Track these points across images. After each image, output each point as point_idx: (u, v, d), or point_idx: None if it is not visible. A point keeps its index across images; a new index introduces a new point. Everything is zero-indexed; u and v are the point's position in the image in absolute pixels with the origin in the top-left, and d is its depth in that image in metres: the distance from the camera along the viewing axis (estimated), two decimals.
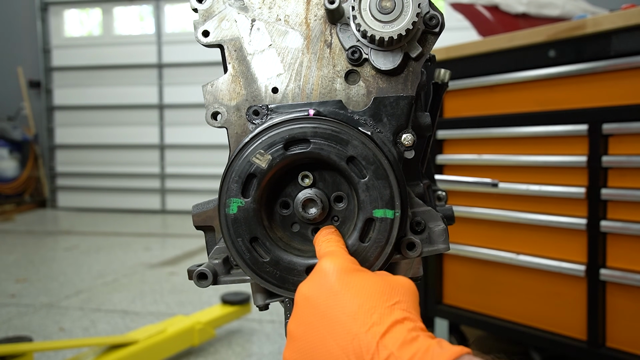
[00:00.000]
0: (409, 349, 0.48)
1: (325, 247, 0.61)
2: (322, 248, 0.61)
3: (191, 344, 1.94)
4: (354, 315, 0.50)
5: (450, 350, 0.47)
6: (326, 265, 0.56)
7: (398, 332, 0.49)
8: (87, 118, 6.39)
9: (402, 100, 0.67)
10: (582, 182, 1.52)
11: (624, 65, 1.41)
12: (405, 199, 0.64)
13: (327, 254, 0.59)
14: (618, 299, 1.47)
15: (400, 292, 0.54)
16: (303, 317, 0.54)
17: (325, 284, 0.54)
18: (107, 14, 6.42)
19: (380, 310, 0.51)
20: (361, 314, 0.50)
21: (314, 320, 0.53)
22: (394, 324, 0.50)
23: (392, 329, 0.49)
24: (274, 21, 0.71)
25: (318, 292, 0.54)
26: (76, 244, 4.15)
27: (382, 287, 0.54)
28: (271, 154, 0.63)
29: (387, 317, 0.50)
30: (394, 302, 0.52)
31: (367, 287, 0.53)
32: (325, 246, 0.61)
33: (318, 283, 0.55)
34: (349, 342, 0.49)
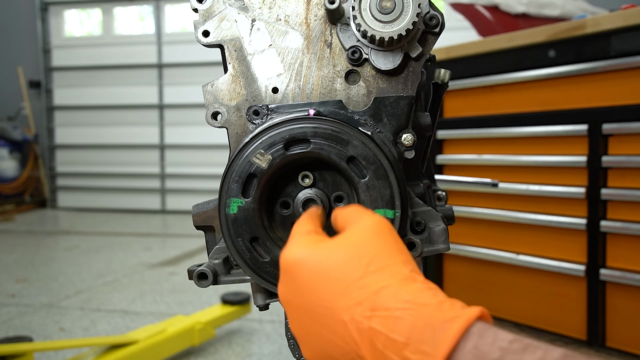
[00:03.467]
0: (404, 326, 0.43)
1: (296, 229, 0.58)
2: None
3: (191, 344, 1.94)
4: (333, 302, 0.47)
5: (455, 324, 0.41)
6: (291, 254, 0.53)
7: (384, 305, 0.44)
8: (87, 118, 6.39)
9: (402, 100, 0.67)
10: (582, 182, 1.52)
11: (624, 65, 1.41)
12: (406, 199, 0.64)
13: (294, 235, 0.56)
14: (618, 298, 1.48)
15: (367, 244, 0.50)
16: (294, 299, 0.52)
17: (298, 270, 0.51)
18: (107, 14, 6.42)
19: (354, 286, 0.46)
20: (338, 299, 0.46)
21: (302, 308, 0.51)
22: (375, 297, 0.45)
23: (376, 304, 0.45)
24: (274, 21, 0.72)
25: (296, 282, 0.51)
26: (76, 244, 4.15)
27: (344, 254, 0.49)
28: (271, 154, 0.63)
29: (364, 292, 0.46)
30: (365, 265, 0.48)
31: (329, 263, 0.49)
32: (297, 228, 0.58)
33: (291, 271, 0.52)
34: (343, 331, 0.46)
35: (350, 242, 0.51)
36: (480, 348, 0.40)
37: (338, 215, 0.58)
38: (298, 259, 0.51)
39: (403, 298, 0.44)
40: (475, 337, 0.41)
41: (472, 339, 0.40)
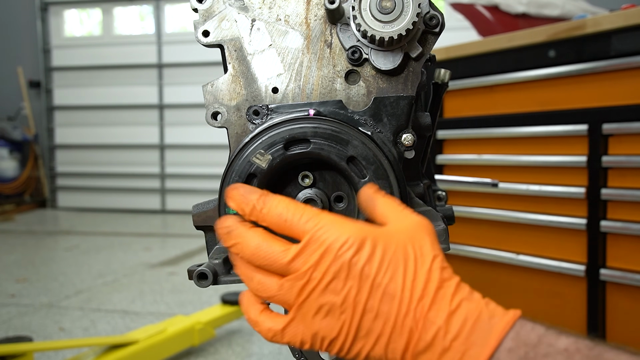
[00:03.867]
0: (457, 319, 0.47)
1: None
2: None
3: (191, 344, 1.94)
4: (401, 292, 0.48)
5: (503, 319, 0.47)
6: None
7: (442, 300, 0.48)
8: (87, 118, 6.38)
9: (402, 100, 0.67)
10: (582, 182, 1.52)
11: (624, 65, 1.41)
12: (406, 199, 0.64)
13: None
14: (618, 298, 1.48)
15: (427, 242, 0.51)
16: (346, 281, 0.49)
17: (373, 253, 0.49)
18: (107, 14, 6.42)
19: (421, 278, 0.48)
20: (407, 289, 0.48)
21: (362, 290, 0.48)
22: (437, 291, 0.48)
23: (436, 298, 0.48)
24: (274, 21, 0.71)
25: (366, 262, 0.49)
26: (76, 244, 4.15)
27: (412, 245, 0.50)
28: (271, 154, 0.63)
29: (430, 286, 0.48)
30: (430, 260, 0.50)
31: (399, 254, 0.49)
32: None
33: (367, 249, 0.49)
34: (401, 320, 0.47)
35: (412, 238, 0.51)
36: (520, 334, 0.46)
37: (377, 201, 0.56)
38: (361, 241, 0.49)
39: (459, 296, 0.48)
40: (517, 326, 0.47)
41: (514, 328, 0.46)
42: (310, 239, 0.50)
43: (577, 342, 0.44)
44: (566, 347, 0.44)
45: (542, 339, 0.45)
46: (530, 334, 0.46)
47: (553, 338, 0.45)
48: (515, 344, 0.45)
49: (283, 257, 0.50)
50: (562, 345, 0.44)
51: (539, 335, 0.46)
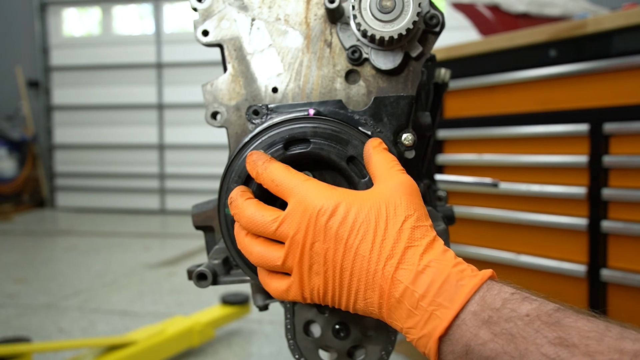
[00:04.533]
0: (424, 279, 0.49)
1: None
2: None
3: (191, 345, 1.93)
4: (369, 252, 0.52)
5: (471, 281, 0.48)
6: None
7: (411, 259, 0.50)
8: (86, 118, 6.38)
9: (403, 100, 0.67)
10: (583, 182, 1.52)
11: (626, 65, 1.41)
12: None
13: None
14: (619, 299, 1.47)
15: (402, 203, 0.54)
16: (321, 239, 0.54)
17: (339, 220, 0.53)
18: (106, 13, 6.41)
19: (391, 238, 0.52)
20: (375, 251, 0.51)
21: (333, 248, 0.53)
22: (405, 250, 0.51)
23: (404, 257, 0.51)
24: (274, 20, 0.71)
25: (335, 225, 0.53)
26: (75, 244, 4.14)
27: (384, 209, 0.53)
28: (271, 153, 0.62)
29: (397, 247, 0.51)
30: (401, 222, 0.53)
31: (370, 215, 0.53)
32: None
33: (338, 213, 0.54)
34: (372, 279, 0.51)
35: (388, 197, 0.54)
36: (485, 298, 0.47)
37: (372, 157, 0.60)
38: (336, 207, 0.53)
39: (428, 257, 0.51)
40: (484, 290, 0.48)
41: (480, 292, 0.48)
42: (293, 205, 0.55)
43: (540, 307, 0.46)
44: (528, 313, 0.46)
45: (505, 304, 0.47)
46: (495, 298, 0.47)
47: (517, 303, 0.47)
48: (480, 307, 0.47)
49: (271, 225, 0.56)
50: (524, 310, 0.46)
51: (503, 300, 0.47)
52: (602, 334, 0.43)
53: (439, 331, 0.47)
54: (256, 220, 0.57)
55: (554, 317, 0.45)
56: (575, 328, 0.43)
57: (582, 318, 0.45)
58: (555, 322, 0.44)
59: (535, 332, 0.44)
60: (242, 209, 0.58)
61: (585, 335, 0.43)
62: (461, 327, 0.47)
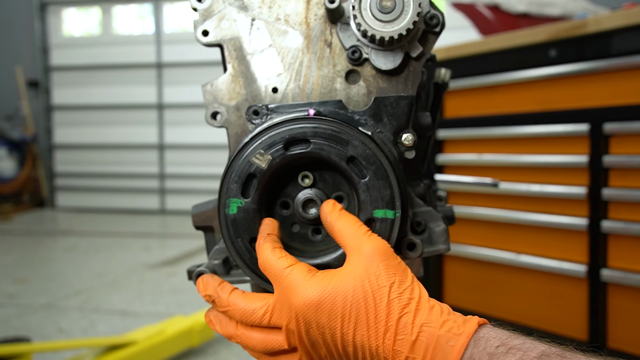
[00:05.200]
0: (420, 346, 0.52)
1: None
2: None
3: (191, 345, 1.93)
4: (367, 330, 0.54)
5: (458, 341, 0.51)
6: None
7: (405, 329, 0.53)
8: (86, 118, 6.38)
9: (403, 100, 0.66)
10: (583, 182, 1.52)
11: (625, 65, 1.41)
12: (406, 199, 0.64)
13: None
14: (619, 299, 1.47)
15: (382, 273, 0.56)
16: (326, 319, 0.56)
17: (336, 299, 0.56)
18: (106, 13, 6.41)
19: (382, 314, 0.54)
20: (372, 328, 0.54)
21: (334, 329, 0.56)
22: (398, 321, 0.53)
23: (398, 328, 0.53)
24: (274, 20, 0.71)
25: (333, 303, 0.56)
26: (75, 244, 4.14)
27: (370, 284, 0.55)
28: (271, 154, 0.62)
29: (391, 318, 0.54)
30: (387, 293, 0.55)
31: (360, 292, 0.55)
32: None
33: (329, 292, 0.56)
34: (375, 351, 0.54)
35: (367, 272, 0.56)
36: (472, 356, 0.50)
37: (334, 226, 0.61)
38: (326, 295, 0.55)
39: (418, 322, 0.53)
40: (471, 347, 0.51)
41: (469, 349, 0.51)
42: (279, 296, 0.58)
43: (523, 358, 0.48)
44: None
45: (492, 359, 0.49)
46: (482, 354, 0.50)
47: (501, 357, 0.49)
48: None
49: (264, 318, 0.59)
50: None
51: (489, 355, 0.50)
52: None
53: None
54: (248, 313, 0.60)
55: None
56: None
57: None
58: None
59: None
60: (231, 304, 0.62)
61: None
62: None
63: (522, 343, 0.50)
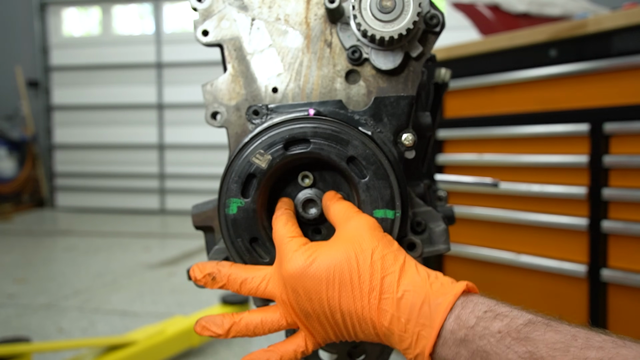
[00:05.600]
0: (405, 304, 0.53)
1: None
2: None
3: (190, 345, 1.93)
4: (351, 292, 0.55)
5: (446, 300, 0.52)
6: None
7: (390, 288, 0.54)
8: (86, 118, 6.37)
9: (403, 100, 0.66)
10: (584, 182, 1.52)
11: (626, 65, 1.41)
12: (406, 199, 0.64)
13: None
14: (620, 299, 1.47)
15: (365, 239, 0.57)
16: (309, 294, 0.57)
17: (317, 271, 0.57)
18: (106, 13, 6.41)
19: (366, 274, 0.55)
20: (356, 289, 0.55)
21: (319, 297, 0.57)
22: (382, 282, 0.54)
23: (383, 287, 0.54)
24: (274, 20, 0.71)
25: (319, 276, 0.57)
26: (75, 244, 4.14)
27: (351, 249, 0.56)
28: (271, 154, 0.62)
29: (375, 277, 0.55)
30: (370, 255, 0.56)
31: (340, 259, 0.56)
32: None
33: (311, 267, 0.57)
34: (361, 313, 0.55)
35: (352, 239, 0.58)
36: (460, 316, 0.51)
37: (331, 208, 0.63)
38: (317, 265, 0.56)
39: (404, 281, 0.54)
40: (459, 308, 0.52)
41: (456, 309, 0.52)
42: (274, 265, 0.62)
43: (510, 324, 0.49)
44: (499, 329, 0.49)
45: (479, 321, 0.50)
46: (469, 316, 0.51)
47: (489, 321, 0.50)
48: (457, 326, 0.51)
49: (261, 285, 0.61)
50: (496, 327, 0.49)
51: (477, 317, 0.50)
52: (568, 344, 0.45)
53: (428, 349, 0.51)
54: (247, 280, 0.62)
55: (524, 332, 0.48)
56: (543, 341, 0.46)
57: (550, 330, 0.48)
58: (525, 338, 0.47)
59: (507, 348, 0.47)
60: (232, 273, 0.64)
61: (552, 347, 0.46)
62: (444, 347, 0.51)
63: (510, 310, 0.50)
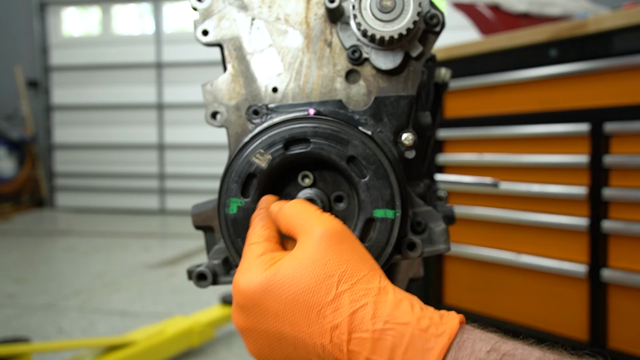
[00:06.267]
0: (384, 347, 0.43)
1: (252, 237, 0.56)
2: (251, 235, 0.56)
3: (190, 345, 1.93)
4: (307, 327, 0.45)
5: (438, 343, 0.43)
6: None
7: (362, 327, 0.43)
8: (85, 118, 6.37)
9: (403, 100, 0.66)
10: (584, 182, 1.52)
11: (626, 65, 1.41)
12: (406, 199, 0.64)
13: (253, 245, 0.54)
14: (620, 299, 1.47)
15: (331, 260, 0.47)
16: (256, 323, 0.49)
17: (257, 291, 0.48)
18: (105, 13, 6.41)
19: (329, 309, 0.45)
20: (313, 325, 0.45)
21: (269, 330, 0.48)
22: (351, 318, 0.44)
23: (353, 327, 0.44)
24: (274, 20, 0.71)
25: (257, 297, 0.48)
26: (75, 244, 4.14)
27: (312, 275, 0.46)
28: (271, 153, 0.62)
29: (340, 314, 0.44)
30: (336, 284, 0.46)
31: (297, 288, 0.46)
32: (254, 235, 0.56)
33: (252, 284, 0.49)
34: (322, 352, 0.45)
35: (314, 260, 0.47)
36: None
37: (279, 215, 0.54)
38: (259, 286, 0.47)
39: (381, 318, 0.43)
40: (454, 350, 0.42)
41: (451, 353, 0.42)
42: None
43: None
44: None
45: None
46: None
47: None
48: None
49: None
50: None
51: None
52: None
53: None
54: (249, 236, 0.57)
55: None
56: None
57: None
58: None
59: None
60: (255, 220, 0.58)
61: None
62: None
63: (514, 348, 0.42)
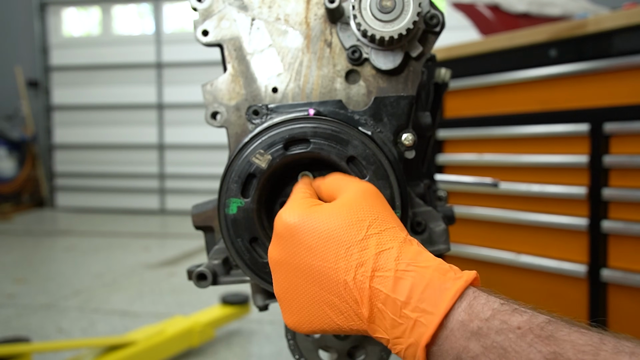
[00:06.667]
0: (404, 285, 0.46)
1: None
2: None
3: (190, 345, 1.93)
4: (334, 263, 0.49)
5: (455, 285, 0.45)
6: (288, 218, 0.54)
7: (386, 266, 0.47)
8: (86, 118, 6.37)
9: (403, 100, 0.66)
10: (584, 182, 1.52)
11: (626, 65, 1.41)
12: (406, 199, 0.64)
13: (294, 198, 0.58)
14: (620, 299, 1.47)
15: (364, 208, 0.52)
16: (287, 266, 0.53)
17: (291, 242, 0.52)
18: (106, 13, 6.41)
19: (356, 248, 0.49)
20: (341, 260, 0.49)
21: (299, 276, 0.52)
22: (377, 258, 0.48)
23: (377, 265, 0.47)
24: (274, 20, 0.71)
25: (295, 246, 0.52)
26: (75, 244, 4.14)
27: (346, 217, 0.51)
28: (271, 153, 0.62)
29: (366, 254, 0.48)
30: (366, 228, 0.50)
31: (331, 225, 0.51)
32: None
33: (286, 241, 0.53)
34: (343, 290, 0.48)
35: (349, 206, 0.52)
36: (473, 307, 0.44)
37: (322, 185, 0.61)
38: (299, 220, 0.52)
39: (404, 260, 0.47)
40: (470, 297, 0.45)
41: (467, 299, 0.45)
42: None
43: (531, 319, 0.43)
44: (519, 325, 0.42)
45: (495, 314, 0.43)
46: (484, 307, 0.44)
47: (507, 314, 0.43)
48: (468, 317, 0.44)
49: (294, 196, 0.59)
50: (515, 322, 0.43)
51: (492, 310, 0.44)
52: (597, 347, 0.40)
53: (426, 339, 0.44)
54: (295, 190, 0.61)
55: (547, 330, 0.42)
56: (570, 342, 0.41)
57: (575, 331, 0.42)
58: (549, 336, 0.41)
59: (529, 346, 0.41)
60: (299, 184, 0.62)
61: (580, 350, 0.40)
62: (450, 338, 0.44)
63: (526, 307, 0.45)
